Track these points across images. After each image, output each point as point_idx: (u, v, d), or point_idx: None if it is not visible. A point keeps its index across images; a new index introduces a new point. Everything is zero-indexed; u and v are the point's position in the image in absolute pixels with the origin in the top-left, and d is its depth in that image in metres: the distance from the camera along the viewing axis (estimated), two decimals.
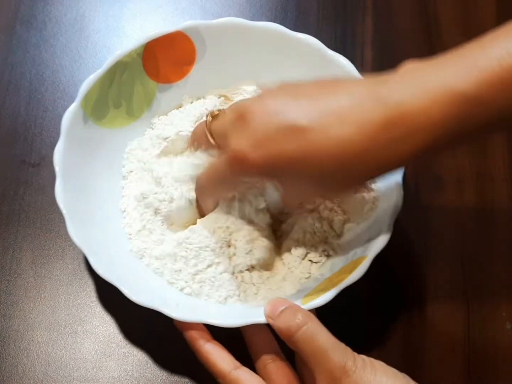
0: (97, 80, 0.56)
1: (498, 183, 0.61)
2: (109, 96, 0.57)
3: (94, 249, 0.51)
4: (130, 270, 0.53)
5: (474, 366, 0.54)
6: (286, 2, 0.69)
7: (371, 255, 0.49)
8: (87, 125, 0.56)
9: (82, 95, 0.55)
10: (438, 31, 0.68)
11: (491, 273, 0.57)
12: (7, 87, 0.65)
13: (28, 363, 0.54)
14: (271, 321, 0.46)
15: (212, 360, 0.48)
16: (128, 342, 0.55)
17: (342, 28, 0.68)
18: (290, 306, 0.47)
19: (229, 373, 0.47)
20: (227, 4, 0.69)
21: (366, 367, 0.44)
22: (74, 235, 0.50)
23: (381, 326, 0.55)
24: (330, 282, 0.50)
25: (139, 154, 0.58)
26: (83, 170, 0.55)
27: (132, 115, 0.59)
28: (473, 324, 0.55)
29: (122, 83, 0.58)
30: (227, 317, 0.49)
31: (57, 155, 0.53)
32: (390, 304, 0.56)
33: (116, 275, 0.50)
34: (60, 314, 0.56)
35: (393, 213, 0.51)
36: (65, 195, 0.52)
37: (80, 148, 0.55)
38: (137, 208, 0.56)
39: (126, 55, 0.57)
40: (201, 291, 0.53)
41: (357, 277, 0.49)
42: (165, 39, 0.58)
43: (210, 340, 0.49)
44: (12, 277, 0.57)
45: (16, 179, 0.61)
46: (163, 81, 0.60)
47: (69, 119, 0.54)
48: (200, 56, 0.59)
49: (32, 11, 0.68)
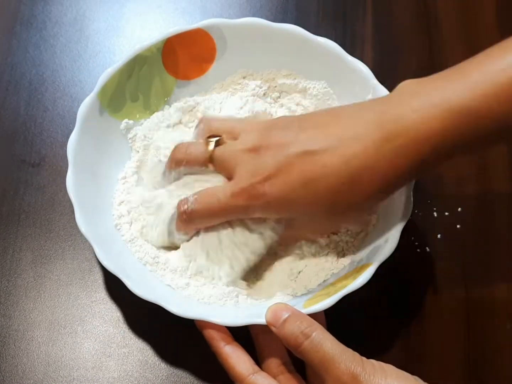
0: (116, 72, 0.56)
1: (498, 183, 0.61)
2: (126, 89, 0.58)
3: (100, 240, 0.51)
4: (135, 264, 0.53)
5: (474, 366, 0.54)
6: (286, 2, 0.69)
7: (377, 263, 0.50)
8: (103, 117, 0.56)
9: (99, 86, 0.56)
10: (438, 31, 0.68)
11: (491, 273, 0.57)
12: (7, 87, 0.65)
13: (28, 363, 0.54)
14: (275, 330, 0.46)
15: (231, 363, 0.48)
16: (128, 342, 0.55)
17: (342, 28, 0.68)
18: (293, 314, 0.46)
19: (247, 377, 0.47)
20: (227, 4, 0.69)
21: (375, 371, 0.44)
22: (81, 225, 0.51)
23: (381, 328, 0.55)
24: (333, 288, 0.50)
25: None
26: (96, 161, 0.55)
27: (148, 109, 0.59)
28: (473, 324, 0.55)
29: (140, 76, 0.58)
30: (229, 316, 0.49)
31: (70, 144, 0.53)
32: (390, 305, 0.56)
33: (121, 267, 0.50)
34: (60, 314, 0.56)
35: (401, 223, 0.51)
36: (76, 185, 0.52)
37: (94, 139, 0.55)
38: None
39: (146, 49, 0.57)
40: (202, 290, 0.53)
41: (361, 283, 0.49)
42: (186, 36, 0.58)
43: (230, 342, 0.49)
44: (12, 277, 0.57)
45: (16, 179, 0.61)
46: (182, 77, 0.60)
47: (85, 109, 0.55)
48: (220, 54, 0.60)
49: (32, 11, 0.68)
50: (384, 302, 0.56)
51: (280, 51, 0.59)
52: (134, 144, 0.58)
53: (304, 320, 0.46)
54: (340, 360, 0.44)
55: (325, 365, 0.44)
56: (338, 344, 0.45)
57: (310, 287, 0.53)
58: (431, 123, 0.44)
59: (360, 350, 0.45)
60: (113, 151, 0.57)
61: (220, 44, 0.59)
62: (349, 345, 0.45)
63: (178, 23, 0.68)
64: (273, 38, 0.58)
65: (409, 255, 0.57)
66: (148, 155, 0.57)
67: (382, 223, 0.53)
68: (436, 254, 0.58)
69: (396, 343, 0.55)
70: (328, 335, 0.45)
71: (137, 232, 0.55)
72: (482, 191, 0.61)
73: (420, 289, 0.57)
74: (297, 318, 0.46)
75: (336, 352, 0.44)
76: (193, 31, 0.58)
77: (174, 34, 0.58)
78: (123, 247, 0.54)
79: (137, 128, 0.59)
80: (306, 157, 0.47)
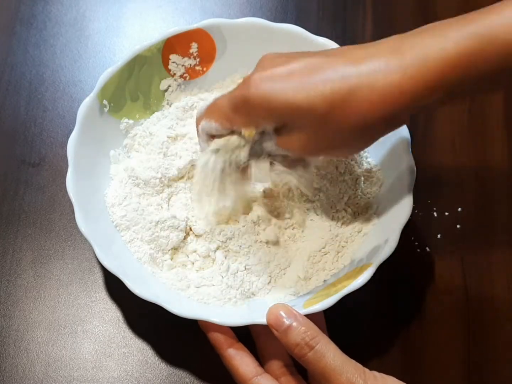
0: (116, 72, 0.56)
1: (498, 183, 0.61)
2: (126, 88, 0.58)
3: (100, 240, 0.51)
4: (134, 264, 0.53)
5: (474, 366, 0.54)
6: (286, 2, 0.69)
7: (376, 263, 0.50)
8: (103, 116, 0.56)
9: (99, 86, 0.56)
10: None
11: (491, 273, 0.57)
12: (7, 87, 0.65)
13: (28, 363, 0.54)
14: (277, 334, 0.46)
15: (235, 365, 0.48)
16: (128, 342, 0.55)
17: (342, 28, 0.68)
18: (296, 321, 0.46)
19: (250, 379, 0.47)
20: (227, 4, 0.69)
21: (377, 383, 0.44)
22: (81, 225, 0.51)
23: (381, 328, 0.55)
24: (333, 288, 0.50)
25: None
26: (96, 160, 0.56)
27: (148, 109, 0.59)
28: (473, 324, 0.55)
29: (140, 76, 0.58)
30: (229, 316, 0.49)
31: (70, 144, 0.54)
32: (390, 304, 0.56)
33: (121, 267, 0.50)
34: (60, 314, 0.56)
35: (401, 224, 0.51)
36: (76, 185, 0.52)
37: (94, 139, 0.55)
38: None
39: (146, 49, 0.57)
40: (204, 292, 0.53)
41: (361, 284, 0.49)
42: (186, 36, 0.58)
43: (234, 343, 0.49)
44: (12, 277, 0.57)
45: (16, 179, 0.61)
46: (182, 77, 0.60)
47: (85, 109, 0.55)
48: (220, 55, 0.60)
49: (32, 11, 0.68)
50: (383, 301, 0.56)
51: (280, 51, 0.59)
52: (134, 143, 0.58)
53: (309, 329, 0.45)
54: (341, 371, 0.44)
55: (326, 376, 0.44)
56: (340, 354, 0.45)
57: (310, 287, 0.53)
58: (447, 51, 0.42)
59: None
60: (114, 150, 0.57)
61: (220, 44, 0.59)
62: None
63: (178, 23, 0.68)
64: (273, 38, 0.58)
65: (409, 255, 0.57)
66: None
67: (382, 223, 0.53)
68: (436, 254, 0.58)
69: (395, 343, 0.55)
70: (331, 345, 0.45)
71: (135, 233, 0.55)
72: (482, 191, 0.61)
73: (420, 289, 0.57)
74: (301, 326, 0.45)
75: (338, 364, 0.44)
76: (193, 31, 0.58)
77: (174, 34, 0.58)
78: (122, 247, 0.54)
79: (137, 127, 0.59)
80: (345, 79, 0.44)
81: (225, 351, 0.49)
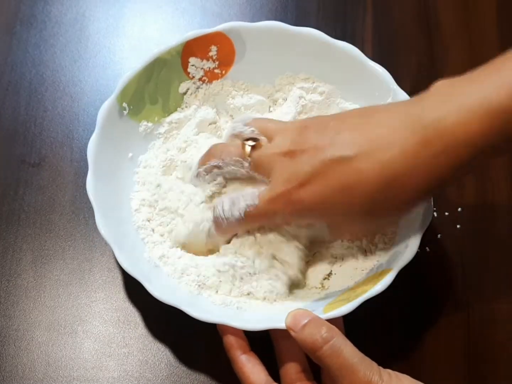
0: (135, 75, 0.56)
1: (498, 183, 0.61)
2: (146, 91, 0.58)
3: (120, 243, 0.51)
4: (151, 266, 0.53)
5: (474, 367, 0.54)
6: (286, 2, 0.69)
7: (397, 268, 0.49)
8: (122, 119, 0.56)
9: (119, 89, 0.56)
10: (438, 31, 0.68)
11: (491, 273, 0.57)
12: (7, 87, 0.65)
13: (28, 363, 0.54)
14: (294, 334, 0.46)
15: (246, 372, 0.48)
16: (128, 342, 0.55)
17: (342, 27, 0.68)
18: (313, 319, 0.46)
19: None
20: (227, 4, 0.69)
21: (391, 381, 0.44)
22: (102, 228, 0.51)
23: (380, 328, 0.55)
24: (354, 293, 0.50)
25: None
26: (115, 163, 0.55)
27: (167, 112, 0.59)
28: (473, 324, 0.55)
29: (159, 79, 0.58)
30: (249, 321, 0.49)
31: (90, 147, 0.54)
32: (389, 304, 0.56)
33: (140, 270, 0.50)
34: (60, 314, 0.56)
35: (421, 229, 0.51)
36: (96, 187, 0.52)
37: (114, 141, 0.55)
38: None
39: (166, 52, 0.57)
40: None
41: (381, 289, 0.49)
42: (205, 39, 0.58)
43: (247, 351, 0.49)
44: (12, 277, 0.57)
45: (16, 179, 0.61)
46: (201, 80, 0.60)
47: (105, 112, 0.55)
48: (239, 58, 0.60)
49: (32, 11, 0.68)
50: (383, 301, 0.56)
51: (299, 54, 0.59)
52: (153, 146, 0.58)
53: (324, 325, 0.45)
54: (359, 368, 0.44)
55: (343, 372, 0.44)
56: (357, 351, 0.45)
57: (329, 292, 0.53)
58: (470, 125, 0.43)
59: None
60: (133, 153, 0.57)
61: (239, 47, 0.59)
62: (361, 350, 0.45)
63: (178, 23, 0.68)
64: (291, 42, 0.58)
65: None
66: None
67: (403, 230, 0.53)
68: (436, 254, 0.58)
69: (395, 343, 0.55)
70: (347, 342, 0.45)
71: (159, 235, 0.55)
72: (482, 191, 0.61)
73: (419, 289, 0.57)
74: (317, 323, 0.45)
75: (356, 360, 0.44)
76: (212, 34, 0.58)
77: (193, 37, 0.58)
78: (142, 250, 0.53)
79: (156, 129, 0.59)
80: (342, 163, 0.46)
81: (238, 357, 0.48)
